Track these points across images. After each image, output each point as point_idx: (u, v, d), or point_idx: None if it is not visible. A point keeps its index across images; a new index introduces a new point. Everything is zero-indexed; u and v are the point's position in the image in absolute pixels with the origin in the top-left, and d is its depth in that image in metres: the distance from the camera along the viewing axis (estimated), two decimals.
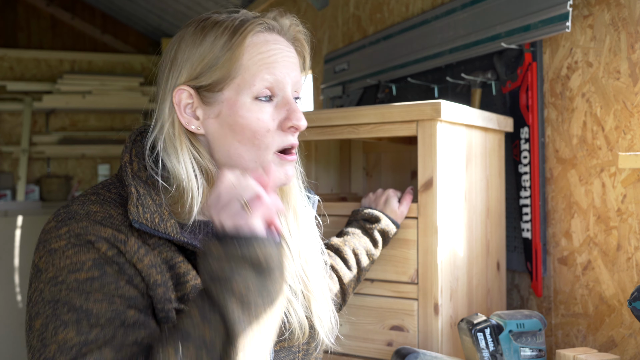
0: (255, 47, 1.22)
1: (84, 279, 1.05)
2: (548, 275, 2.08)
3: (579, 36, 1.97)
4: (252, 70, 1.21)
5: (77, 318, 1.02)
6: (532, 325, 1.61)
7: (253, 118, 1.21)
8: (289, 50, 1.26)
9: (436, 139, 1.68)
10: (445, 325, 1.71)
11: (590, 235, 1.94)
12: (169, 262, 1.15)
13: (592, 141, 1.94)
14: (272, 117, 1.22)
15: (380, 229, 1.70)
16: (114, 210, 1.15)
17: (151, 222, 1.13)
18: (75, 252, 1.07)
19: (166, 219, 1.16)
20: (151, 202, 1.16)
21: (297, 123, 1.22)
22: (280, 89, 1.23)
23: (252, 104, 1.21)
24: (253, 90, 1.21)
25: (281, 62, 1.23)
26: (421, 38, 2.58)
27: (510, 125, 2.10)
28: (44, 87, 5.48)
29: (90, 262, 1.07)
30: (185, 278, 1.16)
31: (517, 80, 2.12)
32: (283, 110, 1.23)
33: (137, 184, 1.18)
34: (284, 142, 1.23)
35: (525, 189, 2.11)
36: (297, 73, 1.26)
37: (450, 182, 1.75)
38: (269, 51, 1.22)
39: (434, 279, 1.69)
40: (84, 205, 1.14)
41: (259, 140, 1.21)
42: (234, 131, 1.22)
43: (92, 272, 1.06)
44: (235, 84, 1.21)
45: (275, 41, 1.24)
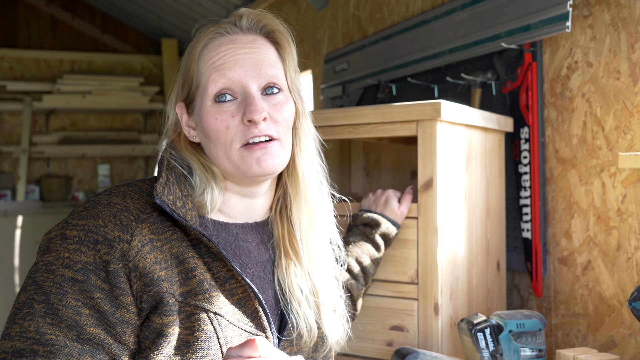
0: (207, 53, 1.28)
1: (69, 277, 1.13)
2: (548, 275, 2.08)
3: (579, 36, 1.97)
4: (205, 76, 1.27)
5: (44, 313, 1.11)
6: (532, 325, 1.61)
7: (212, 119, 1.26)
8: (248, 47, 1.28)
9: (436, 139, 1.68)
10: (445, 325, 1.71)
11: (590, 235, 1.94)
12: (179, 257, 1.20)
13: (592, 141, 1.94)
14: (232, 114, 1.25)
15: (381, 233, 1.70)
16: (132, 203, 1.22)
17: (173, 204, 1.21)
18: (76, 250, 1.14)
19: (188, 209, 1.24)
20: (178, 190, 1.25)
21: (251, 116, 1.23)
22: (238, 87, 1.26)
23: (212, 107, 1.26)
24: (209, 94, 1.26)
25: (231, 61, 1.26)
26: (421, 38, 2.58)
27: (510, 125, 2.10)
28: (44, 87, 5.49)
29: (81, 265, 1.14)
30: (193, 273, 1.20)
31: (517, 80, 2.12)
32: (243, 105, 1.26)
33: (170, 174, 1.26)
34: (245, 135, 1.25)
35: (525, 189, 2.11)
36: (261, 65, 1.28)
37: (450, 182, 1.75)
38: (218, 54, 1.27)
39: (434, 279, 1.69)
40: (109, 196, 1.22)
41: (223, 138, 1.26)
42: (206, 135, 1.29)
43: (77, 274, 1.13)
44: (199, 92, 1.29)
45: (229, 42, 1.28)
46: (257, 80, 1.27)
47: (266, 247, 1.37)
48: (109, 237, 1.15)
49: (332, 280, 1.42)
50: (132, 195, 1.24)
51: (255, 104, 1.24)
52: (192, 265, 1.20)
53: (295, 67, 1.36)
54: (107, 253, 1.14)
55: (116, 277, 1.14)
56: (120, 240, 1.15)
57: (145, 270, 1.16)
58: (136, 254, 1.15)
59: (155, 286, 1.16)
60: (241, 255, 1.31)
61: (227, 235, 1.31)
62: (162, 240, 1.20)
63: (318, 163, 1.41)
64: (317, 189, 1.40)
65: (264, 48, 1.31)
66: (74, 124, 5.85)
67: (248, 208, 1.35)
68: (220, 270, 1.24)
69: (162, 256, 1.18)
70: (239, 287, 1.25)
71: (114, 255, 1.14)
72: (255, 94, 1.26)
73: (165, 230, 1.21)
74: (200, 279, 1.20)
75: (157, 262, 1.17)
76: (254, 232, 1.36)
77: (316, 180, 1.40)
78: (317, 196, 1.39)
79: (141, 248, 1.16)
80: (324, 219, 1.42)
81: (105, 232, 1.16)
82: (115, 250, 1.14)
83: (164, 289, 1.16)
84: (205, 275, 1.21)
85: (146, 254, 1.16)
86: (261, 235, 1.37)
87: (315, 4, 3.50)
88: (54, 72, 5.77)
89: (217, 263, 1.24)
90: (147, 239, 1.18)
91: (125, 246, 1.15)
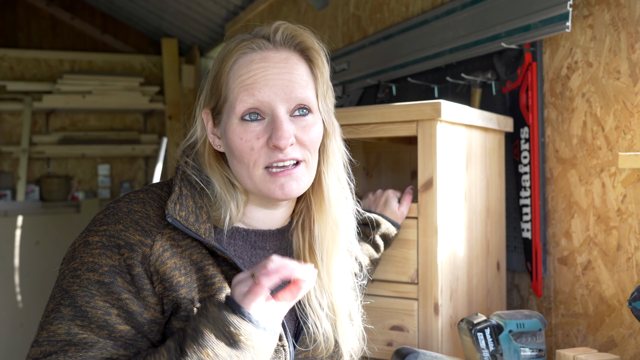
0: (238, 69, 1.26)
1: (95, 280, 1.15)
2: (548, 275, 2.08)
3: (579, 36, 1.97)
4: (234, 93, 1.25)
5: (73, 316, 1.14)
6: (532, 325, 1.61)
7: (237, 139, 1.24)
8: (280, 66, 1.25)
9: (436, 139, 1.68)
10: (445, 325, 1.71)
11: (590, 235, 1.94)
12: (198, 264, 1.22)
13: (592, 141, 1.94)
14: (257, 135, 1.24)
15: (381, 233, 1.70)
16: (153, 210, 1.23)
17: (185, 220, 1.21)
18: (100, 254, 1.17)
19: (202, 222, 1.24)
20: (192, 202, 1.24)
21: (277, 142, 1.21)
22: (267, 108, 1.24)
23: (238, 125, 1.24)
24: (236, 113, 1.24)
25: (262, 81, 1.23)
26: (421, 38, 2.58)
27: (510, 125, 2.10)
28: (44, 87, 5.49)
29: (107, 268, 1.16)
30: (212, 280, 1.22)
31: (517, 80, 2.12)
32: (270, 128, 1.24)
33: (184, 185, 1.26)
34: (270, 158, 1.23)
35: (525, 189, 2.11)
36: (292, 87, 1.25)
37: (450, 182, 1.75)
38: (249, 72, 1.24)
39: (434, 279, 1.69)
40: (129, 203, 1.23)
41: (247, 159, 1.24)
42: (230, 152, 1.28)
43: (104, 277, 1.15)
44: (226, 107, 1.27)
45: (261, 60, 1.25)
46: (287, 103, 1.25)
47: (283, 254, 1.36)
48: (131, 241, 1.17)
49: (350, 296, 1.41)
50: (152, 203, 1.24)
51: (282, 129, 1.22)
52: (211, 273, 1.22)
53: (328, 85, 1.34)
54: (130, 257, 1.16)
55: (141, 280, 1.17)
56: (142, 244, 1.17)
57: (166, 275, 1.18)
58: (157, 258, 1.17)
59: (174, 291, 1.18)
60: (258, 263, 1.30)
61: (244, 243, 1.31)
62: (182, 246, 1.21)
63: (345, 179, 1.40)
64: (342, 207, 1.38)
65: (297, 67, 1.27)
66: (74, 124, 5.85)
67: (268, 218, 1.34)
68: None
69: (182, 262, 1.20)
70: None
71: (137, 259, 1.16)
72: (283, 118, 1.23)
73: (185, 238, 1.22)
74: (219, 286, 1.21)
75: (177, 267, 1.19)
76: (273, 239, 1.36)
77: (341, 197, 1.38)
78: (341, 214, 1.38)
79: (162, 253, 1.18)
80: (346, 237, 1.40)
81: (126, 236, 1.18)
82: (137, 254, 1.16)
83: (182, 295, 1.19)
84: (224, 283, 1.22)
85: (167, 259, 1.18)
86: (280, 242, 1.37)
87: (315, 4, 3.50)
88: (54, 72, 5.77)
89: (234, 272, 1.24)
90: (168, 245, 1.20)
91: (146, 250, 1.17)
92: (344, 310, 1.38)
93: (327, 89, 1.34)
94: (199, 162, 1.31)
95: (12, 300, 4.65)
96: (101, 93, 5.54)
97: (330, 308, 1.36)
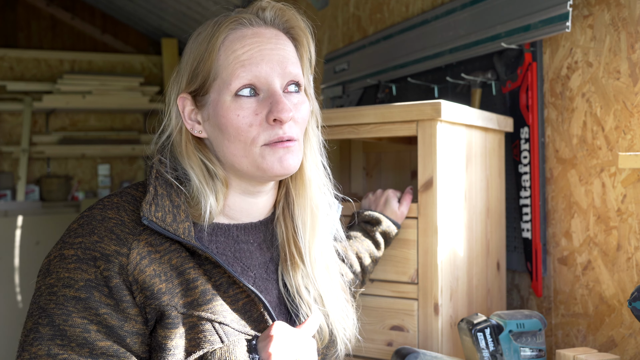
0: (230, 45, 1.23)
1: (71, 296, 1.11)
2: (548, 275, 2.08)
3: (579, 36, 1.97)
4: (228, 69, 1.22)
5: (52, 335, 1.09)
6: (532, 325, 1.61)
7: (233, 115, 1.21)
8: (273, 42, 1.24)
9: (436, 139, 1.68)
10: (445, 325, 1.71)
11: (590, 235, 1.94)
12: (179, 268, 1.18)
13: (592, 141, 1.94)
14: (255, 111, 1.21)
15: (381, 231, 1.70)
16: (127, 215, 1.19)
17: (162, 221, 1.17)
18: (75, 268, 1.13)
19: (180, 221, 1.20)
20: (168, 202, 1.20)
21: (279, 115, 1.20)
22: (263, 84, 1.22)
23: (232, 102, 1.21)
24: (231, 89, 1.21)
25: (258, 56, 1.22)
26: (421, 38, 2.59)
27: (510, 125, 2.10)
28: (44, 87, 5.48)
29: (82, 283, 1.12)
30: (194, 284, 1.18)
31: (517, 80, 2.13)
32: (267, 103, 1.22)
33: (159, 184, 1.22)
34: (270, 135, 1.22)
35: (525, 189, 2.11)
36: (286, 63, 1.24)
37: (450, 182, 1.75)
38: (243, 47, 1.22)
39: (434, 279, 1.69)
40: (103, 210, 1.19)
41: (243, 136, 1.21)
42: (221, 131, 1.24)
43: (80, 292, 1.11)
44: (216, 85, 1.23)
45: (253, 35, 1.24)
46: (282, 78, 1.24)
47: (268, 246, 1.35)
48: (106, 252, 1.13)
49: (337, 281, 1.41)
50: (126, 207, 1.20)
51: (282, 102, 1.20)
52: (192, 276, 1.19)
53: (312, 65, 1.34)
54: (107, 269, 1.12)
55: (120, 291, 1.13)
56: (118, 254, 1.14)
57: (145, 284, 1.14)
58: (135, 267, 1.14)
59: (156, 299, 1.15)
60: (242, 258, 1.29)
61: (226, 239, 1.28)
62: (161, 251, 1.18)
63: (321, 163, 1.39)
64: (321, 190, 1.38)
65: (286, 44, 1.27)
66: (74, 124, 5.85)
67: (251, 207, 1.32)
68: (222, 277, 1.22)
69: (162, 268, 1.16)
70: (242, 292, 1.23)
71: (114, 270, 1.13)
72: (280, 92, 1.23)
73: (163, 242, 1.19)
74: (203, 289, 1.19)
75: (156, 274, 1.15)
76: (256, 231, 1.33)
77: (320, 182, 1.38)
78: (320, 197, 1.37)
79: (140, 261, 1.14)
80: (327, 220, 1.40)
81: (102, 247, 1.14)
82: (114, 264, 1.13)
83: (165, 302, 1.15)
84: (207, 285, 1.20)
85: (145, 267, 1.14)
86: (264, 234, 1.35)
87: (315, 4, 3.51)
88: (54, 72, 5.77)
89: (218, 270, 1.22)
90: (145, 252, 1.16)
91: (123, 260, 1.13)
92: (332, 298, 1.37)
93: (311, 69, 1.34)
94: (174, 155, 1.27)
95: (12, 300, 4.65)
96: (101, 93, 5.53)
97: (318, 296, 1.35)
